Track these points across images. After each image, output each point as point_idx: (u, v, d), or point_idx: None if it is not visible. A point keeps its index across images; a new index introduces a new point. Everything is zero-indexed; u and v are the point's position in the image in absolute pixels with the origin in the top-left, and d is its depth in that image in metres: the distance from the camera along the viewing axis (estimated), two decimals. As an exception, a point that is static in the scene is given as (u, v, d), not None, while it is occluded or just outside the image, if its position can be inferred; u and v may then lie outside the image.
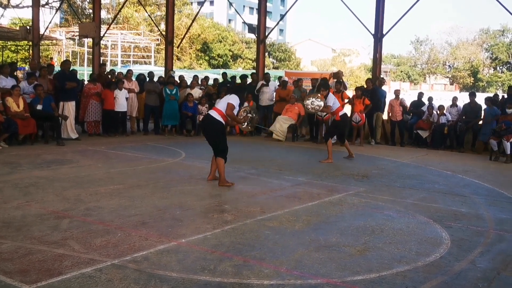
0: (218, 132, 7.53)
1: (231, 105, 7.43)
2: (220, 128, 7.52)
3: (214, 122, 7.48)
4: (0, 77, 11.50)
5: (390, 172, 9.50)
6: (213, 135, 7.54)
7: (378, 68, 14.79)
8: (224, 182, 7.45)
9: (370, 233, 5.40)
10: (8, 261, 4.15)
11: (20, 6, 33.56)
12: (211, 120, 7.50)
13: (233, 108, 7.47)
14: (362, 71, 57.42)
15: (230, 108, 7.44)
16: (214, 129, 7.50)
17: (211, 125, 7.52)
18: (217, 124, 7.48)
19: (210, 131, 7.57)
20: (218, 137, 7.52)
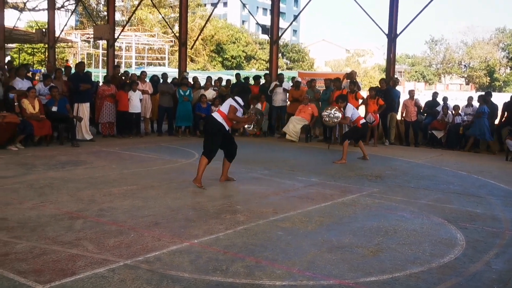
0: (215, 133, 7.45)
1: (233, 107, 7.39)
2: (219, 129, 7.43)
3: (215, 123, 7.42)
4: (16, 79, 11.64)
5: (404, 172, 9.43)
6: (210, 134, 7.51)
7: (392, 68, 14.69)
8: (198, 181, 7.33)
9: (383, 234, 5.37)
10: (23, 261, 4.19)
11: (36, 9, 34.01)
12: (213, 121, 7.46)
13: (235, 110, 7.40)
14: (376, 72, 57.19)
15: (232, 111, 7.39)
16: (213, 129, 7.46)
17: (212, 126, 7.48)
18: (217, 126, 7.42)
19: (209, 130, 7.55)
20: (213, 138, 7.46)
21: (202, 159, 7.38)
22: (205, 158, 7.37)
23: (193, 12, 50.23)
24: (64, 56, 45.35)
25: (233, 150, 7.74)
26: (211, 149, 7.42)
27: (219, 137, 7.48)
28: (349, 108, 10.42)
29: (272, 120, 15.28)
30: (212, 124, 7.47)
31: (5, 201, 6.20)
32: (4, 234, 4.90)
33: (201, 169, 7.34)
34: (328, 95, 13.63)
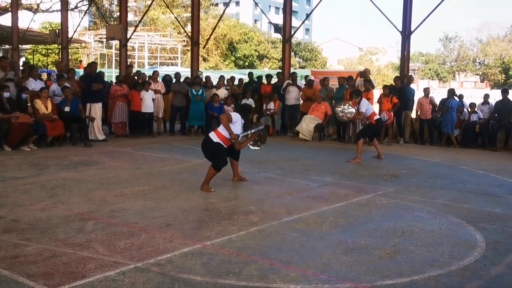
0: (216, 151, 7.20)
1: (228, 115, 7.28)
2: (218, 147, 7.19)
3: (212, 144, 7.21)
4: (29, 80, 11.65)
5: (420, 171, 9.26)
6: (211, 153, 7.26)
7: (406, 66, 14.49)
8: (206, 186, 7.10)
9: (400, 235, 5.23)
10: (33, 264, 4.12)
11: (50, 10, 34.25)
12: (209, 142, 7.24)
13: (229, 118, 7.18)
14: (389, 70, 56.73)
15: (225, 117, 7.22)
16: (212, 149, 7.22)
17: (209, 146, 7.24)
18: (214, 145, 7.19)
19: (208, 151, 7.29)
20: (217, 151, 7.19)
21: (210, 170, 7.16)
22: (213, 169, 7.15)
23: (206, 11, 50.28)
24: (78, 57, 45.62)
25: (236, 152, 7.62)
26: (218, 161, 7.16)
27: (223, 153, 7.24)
28: (364, 103, 10.16)
29: (285, 119, 15.16)
30: (209, 144, 7.23)
31: (16, 202, 6.16)
32: (15, 235, 4.85)
33: (209, 177, 7.14)
34: (342, 93, 13.48)
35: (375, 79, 45.68)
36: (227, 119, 7.17)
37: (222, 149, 7.22)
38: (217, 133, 7.24)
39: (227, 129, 7.17)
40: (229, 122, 7.17)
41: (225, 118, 7.21)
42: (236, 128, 7.26)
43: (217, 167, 7.15)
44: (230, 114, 7.33)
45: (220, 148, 7.19)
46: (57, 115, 11.22)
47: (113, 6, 46.09)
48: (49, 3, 34.60)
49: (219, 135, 7.21)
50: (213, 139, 7.21)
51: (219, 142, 7.19)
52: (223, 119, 7.23)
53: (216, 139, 7.20)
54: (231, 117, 7.21)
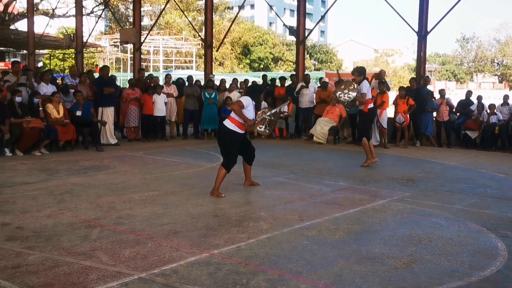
0: (231, 141, 7.05)
1: (239, 102, 7.00)
2: (234, 137, 7.03)
3: (228, 133, 7.02)
4: (41, 84, 11.61)
5: (437, 175, 8.99)
6: (226, 145, 7.10)
7: (422, 67, 14.20)
8: (216, 192, 6.92)
9: (416, 243, 5.00)
10: (33, 274, 3.98)
11: (66, 15, 34.51)
12: (225, 130, 7.05)
13: (241, 105, 6.94)
14: (405, 71, 56.18)
15: (237, 104, 7.00)
16: (228, 139, 7.05)
17: (226, 136, 7.07)
18: (230, 134, 7.02)
19: (224, 141, 7.13)
20: (230, 147, 7.05)
21: (220, 170, 6.97)
22: (224, 169, 6.96)
23: (221, 15, 50.30)
24: (94, 61, 45.92)
25: (251, 153, 7.42)
26: (230, 159, 7.01)
27: (237, 145, 7.08)
28: (365, 85, 9.34)
29: (299, 122, 14.96)
30: (225, 134, 7.06)
31: (23, 209, 6.06)
32: (18, 244, 4.73)
33: (219, 181, 6.95)
34: (357, 95, 13.21)
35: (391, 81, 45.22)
36: (239, 107, 6.92)
37: (236, 142, 7.04)
38: (232, 120, 7.02)
39: (242, 117, 6.94)
40: (241, 108, 6.93)
41: (237, 107, 6.96)
42: (249, 113, 7.04)
43: (227, 166, 6.96)
44: (241, 100, 7.06)
45: (234, 140, 7.01)
46: (69, 119, 11.16)
47: (128, 11, 46.38)
48: (65, 8, 34.92)
49: (234, 121, 6.99)
50: (228, 126, 7.01)
51: (234, 129, 6.98)
52: (235, 108, 6.99)
53: (231, 126, 6.99)
54: (242, 104, 6.96)
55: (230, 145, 7.04)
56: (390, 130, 13.26)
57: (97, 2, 37.34)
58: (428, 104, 13.19)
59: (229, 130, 6.99)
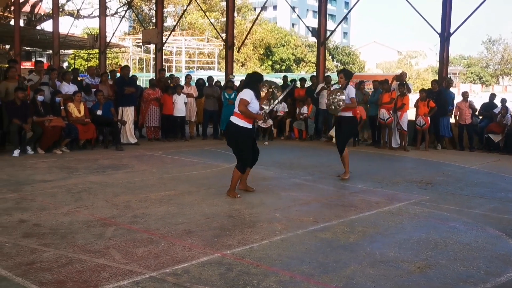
0: (242, 139, 6.83)
1: (243, 100, 6.69)
2: (243, 135, 6.81)
3: (237, 129, 6.78)
4: (62, 84, 11.77)
5: (457, 179, 8.85)
6: (236, 142, 6.88)
7: (445, 69, 14.00)
8: (232, 192, 6.86)
9: (432, 247, 4.92)
10: (47, 270, 4.03)
11: (91, 16, 35.00)
12: (234, 127, 6.81)
13: (246, 103, 6.67)
14: (429, 73, 55.52)
15: (242, 104, 6.68)
16: (239, 137, 6.82)
17: (235, 133, 6.83)
18: (240, 131, 6.78)
19: (234, 140, 6.89)
20: (241, 145, 6.85)
21: (235, 173, 6.87)
22: (238, 171, 6.86)
23: (244, 16, 50.42)
24: (118, 61, 46.44)
25: (255, 155, 7.19)
26: (243, 158, 6.87)
27: (248, 142, 6.90)
28: (351, 89, 8.56)
29: (319, 123, 14.88)
30: (235, 131, 6.82)
31: (41, 206, 6.14)
32: (34, 240, 4.79)
33: (235, 182, 6.89)
34: (377, 97, 13.12)
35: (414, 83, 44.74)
36: (245, 106, 6.68)
37: (247, 139, 6.85)
38: (238, 115, 6.79)
39: (251, 116, 6.78)
40: (247, 105, 6.69)
41: (244, 108, 6.68)
42: (254, 106, 6.81)
43: (242, 168, 6.87)
44: (244, 98, 6.72)
45: (245, 137, 6.81)
46: (90, 118, 11.29)
47: (152, 11, 46.77)
48: (90, 9, 35.42)
49: (241, 116, 6.77)
50: (237, 122, 6.78)
51: (243, 125, 6.76)
52: (244, 110, 6.70)
53: (240, 122, 6.77)
54: (247, 101, 6.70)
55: (241, 144, 6.86)
56: (410, 133, 13.11)
57: (121, 2, 37.78)
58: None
59: (238, 127, 6.77)
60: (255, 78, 7.05)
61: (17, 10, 26.97)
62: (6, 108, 10.32)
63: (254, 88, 6.86)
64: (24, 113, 10.24)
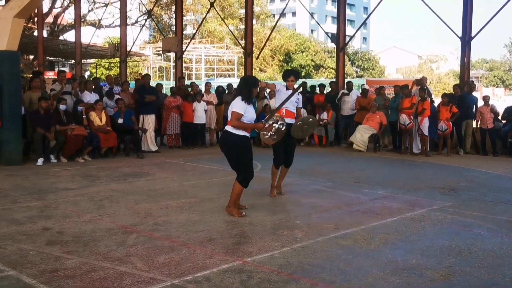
0: (240, 150, 6.08)
1: (235, 114, 5.92)
2: (241, 145, 6.06)
3: (233, 139, 6.02)
4: (84, 93, 11.94)
5: (481, 184, 8.72)
6: (233, 154, 6.13)
7: (466, 73, 13.83)
8: (232, 210, 6.17)
9: (456, 254, 4.85)
10: (70, 278, 4.08)
11: (112, 25, 35.50)
12: (230, 137, 6.05)
13: (238, 117, 5.92)
14: (450, 78, 54.90)
15: (234, 118, 5.92)
16: (235, 148, 6.07)
17: (232, 144, 6.06)
18: (237, 141, 6.03)
19: (230, 150, 6.12)
20: (240, 156, 6.09)
21: (236, 187, 6.11)
22: (239, 185, 6.10)
23: (263, 23, 50.59)
24: (138, 70, 46.95)
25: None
26: (245, 171, 6.09)
27: (248, 153, 6.15)
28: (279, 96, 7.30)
29: (340, 129, 14.82)
30: (231, 141, 6.05)
31: (64, 214, 6.22)
32: (58, 248, 4.85)
33: (235, 196, 6.16)
34: (397, 102, 13.02)
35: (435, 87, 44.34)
36: (237, 120, 5.94)
37: (246, 149, 6.10)
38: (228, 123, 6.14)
39: (246, 127, 6.03)
40: (239, 119, 5.94)
41: (235, 122, 5.94)
42: (250, 114, 6.05)
43: (245, 182, 6.10)
44: (235, 111, 5.94)
45: (242, 147, 6.05)
46: (111, 126, 11.42)
47: (172, 20, 47.24)
48: (111, 18, 35.92)
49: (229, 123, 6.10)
50: (233, 131, 6.02)
51: (239, 134, 6.01)
52: (235, 124, 5.96)
53: (237, 131, 6.01)
54: (239, 115, 5.94)
55: (240, 155, 6.08)
56: (432, 138, 12.97)
57: (141, 12, 38.26)
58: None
59: (235, 136, 6.00)
60: (249, 82, 6.25)
61: (40, 21, 27.47)
62: (30, 118, 10.51)
63: (249, 95, 6.09)
64: (47, 122, 10.40)
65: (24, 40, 29.07)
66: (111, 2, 32.15)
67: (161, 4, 40.55)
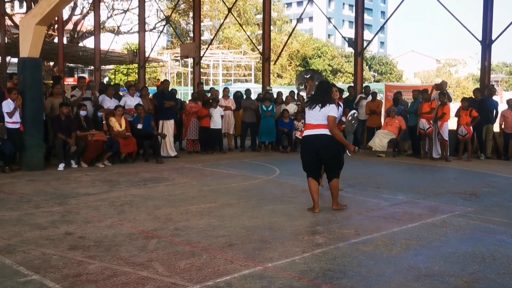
0: (337, 148, 6.55)
1: (332, 118, 6.38)
2: (338, 144, 6.55)
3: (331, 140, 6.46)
4: (104, 98, 12.06)
5: (503, 190, 8.60)
6: (329, 154, 6.52)
7: (487, 77, 13.68)
8: (340, 205, 6.80)
9: (479, 261, 4.78)
10: (93, 283, 4.11)
11: (130, 32, 35.85)
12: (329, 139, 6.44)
13: (335, 120, 6.41)
14: (469, 82, 54.34)
15: (332, 121, 6.39)
16: (332, 148, 6.48)
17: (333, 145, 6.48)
18: (335, 141, 6.48)
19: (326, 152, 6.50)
20: (336, 155, 6.60)
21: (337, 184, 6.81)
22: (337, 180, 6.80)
23: (280, 29, 50.64)
24: (156, 75, 47.29)
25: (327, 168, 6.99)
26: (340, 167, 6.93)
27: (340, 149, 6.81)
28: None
29: (358, 134, 14.75)
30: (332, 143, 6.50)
31: (86, 219, 6.28)
32: (80, 253, 4.90)
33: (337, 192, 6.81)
34: (416, 107, 12.92)
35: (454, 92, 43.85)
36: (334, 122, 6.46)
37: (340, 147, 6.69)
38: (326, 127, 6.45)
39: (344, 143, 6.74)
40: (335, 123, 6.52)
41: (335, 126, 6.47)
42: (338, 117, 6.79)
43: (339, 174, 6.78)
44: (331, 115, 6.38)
45: (340, 146, 6.63)
46: (130, 132, 11.52)
47: (189, 26, 47.54)
48: (129, 25, 36.27)
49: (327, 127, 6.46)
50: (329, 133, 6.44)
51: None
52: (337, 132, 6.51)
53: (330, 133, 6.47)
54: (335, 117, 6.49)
55: (338, 154, 6.67)
56: (452, 143, 12.84)
57: (159, 18, 38.55)
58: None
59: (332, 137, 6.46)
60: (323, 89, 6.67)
61: (60, 28, 27.86)
62: (51, 123, 10.66)
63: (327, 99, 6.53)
64: (68, 128, 10.54)
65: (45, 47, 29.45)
66: (130, 9, 32.46)
67: (179, 10, 40.79)
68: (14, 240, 5.30)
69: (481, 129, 12.76)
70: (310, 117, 6.58)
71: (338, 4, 78.94)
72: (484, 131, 12.85)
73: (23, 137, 10.20)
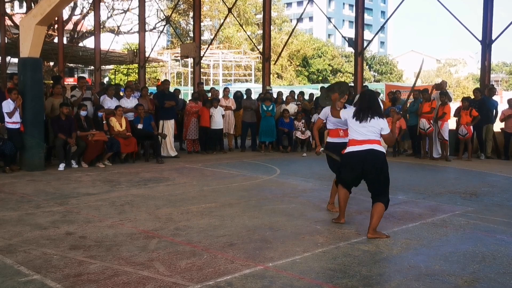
0: (387, 169, 5.66)
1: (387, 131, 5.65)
2: (386, 163, 5.67)
3: (383, 157, 5.64)
4: (105, 98, 12.07)
5: (503, 189, 8.60)
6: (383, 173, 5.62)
7: (487, 77, 13.69)
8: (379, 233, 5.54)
9: (480, 260, 4.79)
10: (94, 282, 4.12)
11: (130, 32, 35.86)
12: (381, 155, 5.60)
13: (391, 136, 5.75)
14: (469, 82, 54.36)
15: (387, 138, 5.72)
16: (384, 166, 5.61)
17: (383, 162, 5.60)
18: (385, 159, 5.65)
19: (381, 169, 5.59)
20: (387, 176, 5.66)
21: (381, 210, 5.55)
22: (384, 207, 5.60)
23: (280, 28, 50.64)
24: (156, 75, 47.31)
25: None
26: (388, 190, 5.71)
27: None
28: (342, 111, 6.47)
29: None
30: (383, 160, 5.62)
31: (86, 219, 6.29)
32: (81, 253, 4.91)
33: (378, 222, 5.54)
34: (416, 107, 12.93)
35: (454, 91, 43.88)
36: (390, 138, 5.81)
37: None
38: (378, 142, 5.65)
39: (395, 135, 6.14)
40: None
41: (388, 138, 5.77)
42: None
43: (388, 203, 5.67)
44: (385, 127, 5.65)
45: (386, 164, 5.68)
46: (131, 132, 11.53)
47: (189, 26, 47.55)
48: (130, 25, 36.28)
49: (379, 142, 5.67)
50: (382, 149, 5.67)
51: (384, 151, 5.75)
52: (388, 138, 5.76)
53: (383, 149, 5.74)
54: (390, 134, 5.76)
55: (387, 175, 5.68)
56: (452, 143, 12.85)
57: (159, 18, 38.57)
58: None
59: (384, 155, 5.68)
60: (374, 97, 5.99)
61: (60, 28, 27.88)
62: (51, 123, 10.66)
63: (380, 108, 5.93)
64: (68, 128, 10.54)
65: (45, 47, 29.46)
66: (130, 9, 32.47)
67: (179, 10, 40.82)
68: (15, 240, 5.31)
69: (481, 129, 12.77)
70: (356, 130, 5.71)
71: (338, 4, 78.95)
72: (484, 130, 12.86)
73: (24, 137, 10.21)
